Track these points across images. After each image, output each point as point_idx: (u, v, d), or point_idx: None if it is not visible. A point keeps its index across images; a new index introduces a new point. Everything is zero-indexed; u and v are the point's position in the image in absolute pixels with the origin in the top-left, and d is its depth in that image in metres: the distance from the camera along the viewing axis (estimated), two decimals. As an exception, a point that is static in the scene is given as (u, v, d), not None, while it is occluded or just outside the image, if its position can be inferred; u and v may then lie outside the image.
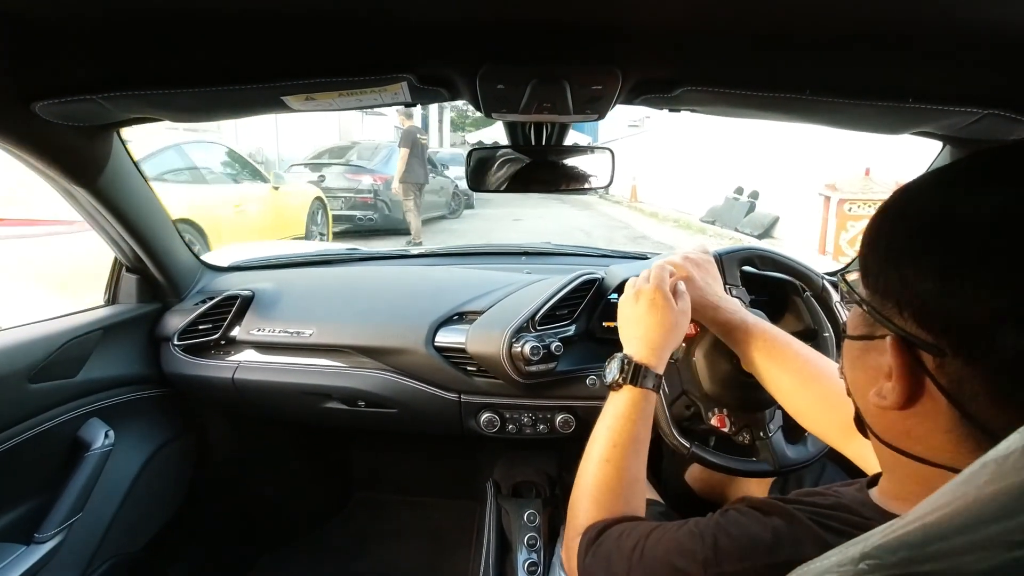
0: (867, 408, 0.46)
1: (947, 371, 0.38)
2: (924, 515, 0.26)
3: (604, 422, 0.71)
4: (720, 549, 0.47)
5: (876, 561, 0.27)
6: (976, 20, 0.51)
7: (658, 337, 0.74)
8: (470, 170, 1.02)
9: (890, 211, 0.43)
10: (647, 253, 1.52)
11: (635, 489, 0.66)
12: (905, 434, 0.43)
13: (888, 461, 0.46)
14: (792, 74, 0.67)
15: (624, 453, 0.67)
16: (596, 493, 0.65)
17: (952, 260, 0.37)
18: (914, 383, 0.40)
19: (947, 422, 0.39)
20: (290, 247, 1.85)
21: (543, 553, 1.31)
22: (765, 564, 0.44)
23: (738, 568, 0.45)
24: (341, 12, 0.55)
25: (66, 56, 0.64)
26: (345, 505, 1.86)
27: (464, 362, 1.18)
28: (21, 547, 0.99)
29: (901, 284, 0.40)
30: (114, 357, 1.20)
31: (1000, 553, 0.23)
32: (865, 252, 0.44)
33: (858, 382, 0.47)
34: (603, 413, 0.72)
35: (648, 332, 0.75)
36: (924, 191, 0.42)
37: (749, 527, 0.47)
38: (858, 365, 0.47)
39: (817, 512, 0.45)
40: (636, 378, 0.71)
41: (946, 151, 1.00)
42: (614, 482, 0.65)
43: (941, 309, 0.37)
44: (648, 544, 0.52)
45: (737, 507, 0.50)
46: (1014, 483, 0.23)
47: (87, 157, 0.94)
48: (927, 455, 0.41)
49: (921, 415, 0.41)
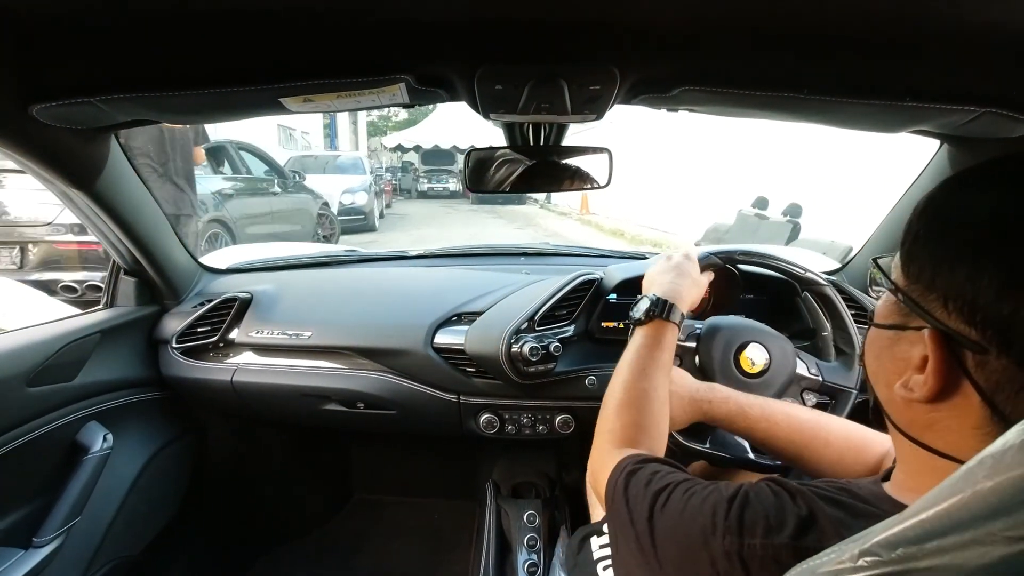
0: (890, 398, 0.46)
1: (987, 370, 0.38)
2: (923, 511, 0.26)
3: (632, 350, 0.76)
4: (744, 521, 0.45)
5: (875, 557, 0.27)
6: (973, 19, 0.51)
7: (682, 287, 0.82)
8: (469, 171, 1.02)
9: (945, 203, 0.42)
10: (646, 252, 1.52)
11: (660, 410, 0.69)
12: (928, 427, 0.42)
13: (905, 452, 0.46)
14: (790, 73, 0.67)
15: (651, 376, 0.71)
16: (624, 412, 0.68)
17: (1019, 264, 0.36)
18: (949, 378, 0.40)
19: (976, 419, 0.39)
20: (288, 249, 1.84)
21: (543, 554, 1.31)
22: (784, 545, 0.43)
23: (756, 543, 0.44)
24: (339, 13, 0.55)
25: (63, 59, 0.64)
26: (344, 506, 1.86)
27: (463, 363, 1.18)
28: (20, 551, 0.98)
29: (953, 280, 0.39)
30: (112, 360, 1.20)
31: (998, 548, 0.23)
32: (911, 241, 0.43)
33: (882, 371, 0.47)
34: (629, 346, 0.77)
35: (675, 280, 0.82)
36: (987, 188, 0.41)
37: (778, 507, 0.46)
38: (885, 355, 0.46)
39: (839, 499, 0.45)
40: (664, 311, 0.77)
41: (943, 149, 1.01)
42: (642, 402, 0.69)
43: (997, 310, 0.37)
44: (674, 496, 0.51)
45: (769, 485, 0.49)
46: (1011, 478, 0.23)
47: (84, 160, 0.94)
48: (947, 449, 0.41)
49: (949, 409, 0.40)
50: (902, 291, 0.44)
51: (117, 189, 1.05)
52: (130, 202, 1.10)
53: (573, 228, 10.29)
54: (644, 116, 7.99)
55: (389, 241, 7.47)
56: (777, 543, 0.43)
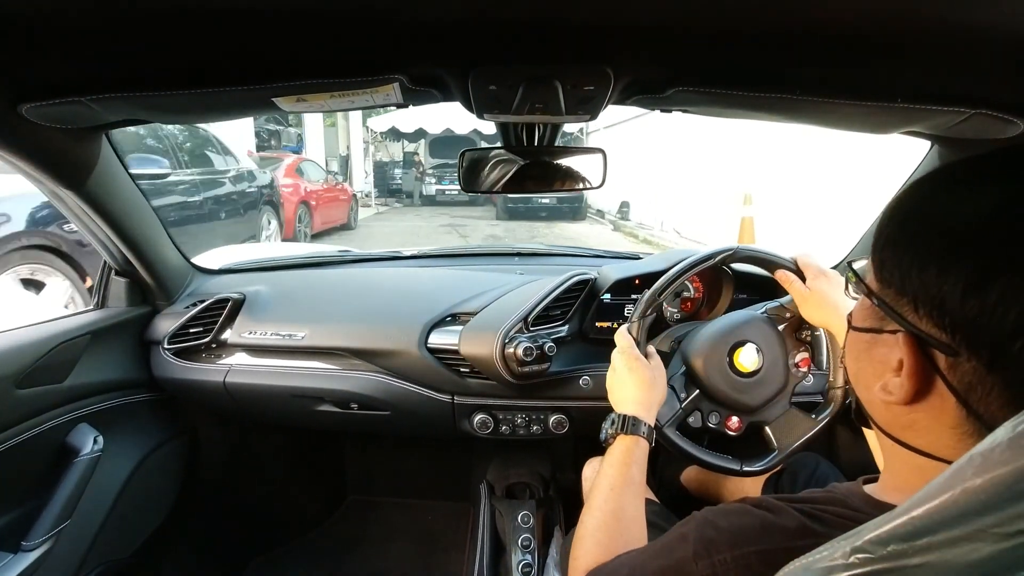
0: (870, 400, 0.47)
1: (959, 371, 0.38)
2: (913, 508, 0.26)
3: (601, 472, 0.75)
4: (709, 541, 0.47)
5: (867, 555, 0.27)
6: (964, 21, 0.52)
7: (641, 393, 0.82)
8: (463, 172, 1.02)
9: (913, 207, 0.43)
10: (639, 254, 1.52)
11: (633, 528, 0.69)
12: (908, 427, 0.43)
13: (889, 452, 0.47)
14: (782, 74, 0.68)
15: (620, 495, 0.71)
16: (597, 534, 0.68)
17: (982, 266, 0.36)
18: (924, 380, 0.40)
19: (952, 419, 0.39)
20: (281, 249, 1.84)
21: (537, 554, 1.31)
22: (754, 551, 0.44)
23: (727, 557, 0.45)
24: (332, 12, 0.54)
25: (53, 58, 0.63)
26: (338, 507, 1.85)
27: (457, 363, 1.18)
28: (8, 555, 0.97)
29: (921, 283, 0.39)
30: (103, 361, 1.19)
31: (988, 545, 0.23)
32: (881, 246, 0.44)
33: (862, 374, 0.47)
34: (603, 462, 0.77)
35: (632, 391, 0.83)
36: (951, 190, 0.41)
37: (737, 518, 0.48)
38: (863, 358, 0.47)
39: (806, 505, 0.46)
40: (626, 427, 0.77)
41: (934, 150, 1.01)
42: (612, 522, 0.68)
43: (963, 312, 0.37)
44: (640, 561, 0.53)
45: (723, 504, 0.52)
46: (1000, 475, 0.23)
47: (75, 159, 0.93)
48: (928, 448, 0.42)
49: (926, 410, 0.41)
50: (876, 295, 0.44)
51: (108, 189, 1.04)
52: (121, 202, 1.09)
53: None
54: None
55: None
56: (747, 552, 0.45)
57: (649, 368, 0.85)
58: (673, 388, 0.93)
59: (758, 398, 0.93)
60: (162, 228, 1.24)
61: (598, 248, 1.70)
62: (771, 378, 0.93)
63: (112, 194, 1.05)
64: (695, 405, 0.93)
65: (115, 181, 1.05)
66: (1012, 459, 0.23)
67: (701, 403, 0.93)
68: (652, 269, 1.17)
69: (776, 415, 0.94)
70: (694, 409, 0.93)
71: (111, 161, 1.02)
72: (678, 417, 0.91)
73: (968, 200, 0.39)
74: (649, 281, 0.98)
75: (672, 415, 0.90)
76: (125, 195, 1.09)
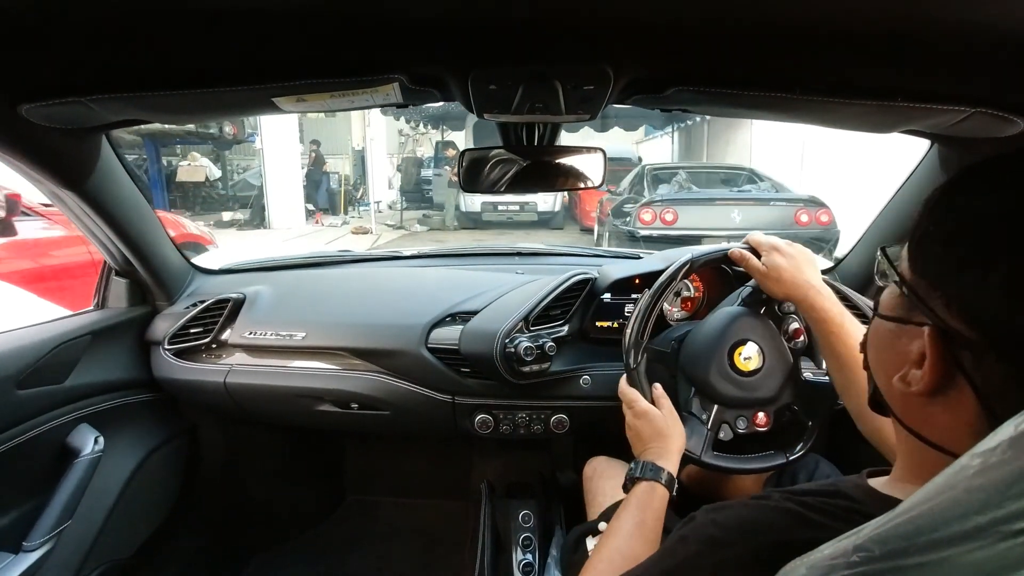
0: (889, 389, 0.46)
1: (983, 370, 0.38)
2: (915, 506, 0.26)
3: (617, 514, 0.76)
4: (711, 539, 0.47)
5: (869, 553, 0.27)
6: (963, 20, 0.52)
7: (657, 444, 0.83)
8: (463, 172, 1.02)
9: (957, 200, 0.42)
10: (639, 253, 1.52)
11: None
12: (925, 420, 0.43)
13: (904, 443, 0.46)
14: (782, 74, 0.68)
15: (629, 535, 0.72)
16: (600, 566, 0.68)
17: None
18: (945, 376, 0.40)
19: (970, 416, 0.39)
20: (281, 249, 1.83)
21: (538, 554, 1.31)
22: (755, 545, 0.44)
23: (729, 555, 0.45)
24: (333, 12, 0.54)
25: (52, 58, 0.63)
26: (338, 507, 1.85)
27: (457, 363, 1.18)
28: (10, 556, 0.97)
29: (959, 280, 0.39)
30: (103, 362, 1.19)
31: (988, 543, 0.23)
32: (920, 236, 0.43)
33: (882, 362, 0.47)
34: (623, 504, 0.78)
35: (648, 440, 0.84)
36: (999, 188, 0.40)
37: (737, 514, 0.48)
38: (885, 346, 0.47)
39: (807, 497, 0.46)
40: (644, 472, 0.79)
41: (935, 149, 1.01)
42: (619, 561, 0.68)
43: (1000, 315, 0.36)
44: (643, 569, 0.53)
45: (722, 502, 0.51)
46: (1001, 474, 0.23)
47: (75, 160, 0.93)
48: (944, 443, 0.41)
49: (944, 404, 0.41)
50: (908, 284, 0.43)
51: (108, 189, 1.04)
52: (121, 202, 1.09)
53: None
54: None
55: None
56: (751, 546, 0.44)
57: (660, 416, 0.85)
58: (693, 414, 0.93)
59: (772, 387, 0.93)
60: (162, 229, 1.24)
61: (597, 248, 1.70)
62: (776, 364, 0.93)
63: (112, 194, 1.05)
64: (719, 420, 0.93)
65: (115, 181, 1.05)
66: (1014, 458, 0.23)
67: (724, 415, 0.93)
68: (652, 268, 1.16)
69: (795, 393, 0.94)
70: (720, 424, 0.93)
71: (111, 161, 1.02)
72: (709, 440, 0.91)
73: (1016, 200, 0.38)
74: (649, 280, 0.98)
75: (703, 441, 0.90)
76: (125, 195, 1.09)
